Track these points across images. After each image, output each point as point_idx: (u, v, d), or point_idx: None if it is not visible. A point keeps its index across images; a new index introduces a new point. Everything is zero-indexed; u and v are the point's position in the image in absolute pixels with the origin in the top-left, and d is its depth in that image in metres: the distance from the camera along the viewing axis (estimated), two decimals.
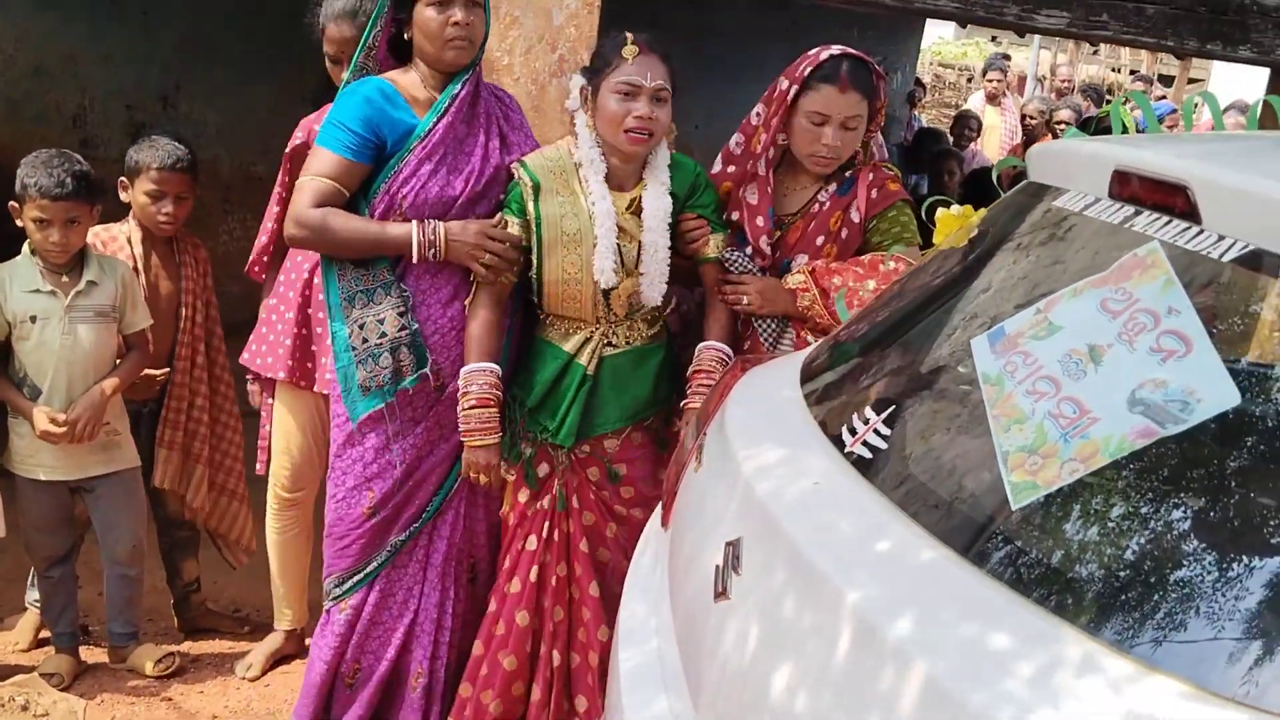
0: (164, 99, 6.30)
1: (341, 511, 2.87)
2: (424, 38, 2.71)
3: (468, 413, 2.75)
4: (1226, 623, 1.22)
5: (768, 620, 1.57)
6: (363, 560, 2.89)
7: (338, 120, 2.71)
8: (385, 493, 2.83)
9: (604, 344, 2.84)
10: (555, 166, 2.80)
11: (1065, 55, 17.75)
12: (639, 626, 2.09)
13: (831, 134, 2.83)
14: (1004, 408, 1.54)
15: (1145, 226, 1.62)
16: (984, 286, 1.91)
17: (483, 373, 2.76)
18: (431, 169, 2.73)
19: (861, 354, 2.05)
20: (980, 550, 1.44)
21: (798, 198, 2.99)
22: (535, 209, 2.78)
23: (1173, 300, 1.47)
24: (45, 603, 3.37)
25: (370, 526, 2.86)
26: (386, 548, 2.89)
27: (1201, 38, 3.86)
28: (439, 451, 2.87)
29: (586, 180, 2.79)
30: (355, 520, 2.86)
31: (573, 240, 2.77)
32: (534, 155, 2.84)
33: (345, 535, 2.88)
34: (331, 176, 2.70)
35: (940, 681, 1.26)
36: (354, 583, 2.90)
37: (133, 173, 3.31)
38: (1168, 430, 1.36)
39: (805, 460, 1.78)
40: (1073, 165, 1.91)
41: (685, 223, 2.89)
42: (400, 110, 2.73)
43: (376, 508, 2.84)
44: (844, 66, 2.84)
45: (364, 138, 2.70)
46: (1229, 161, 1.73)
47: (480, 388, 2.75)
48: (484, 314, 2.78)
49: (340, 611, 2.92)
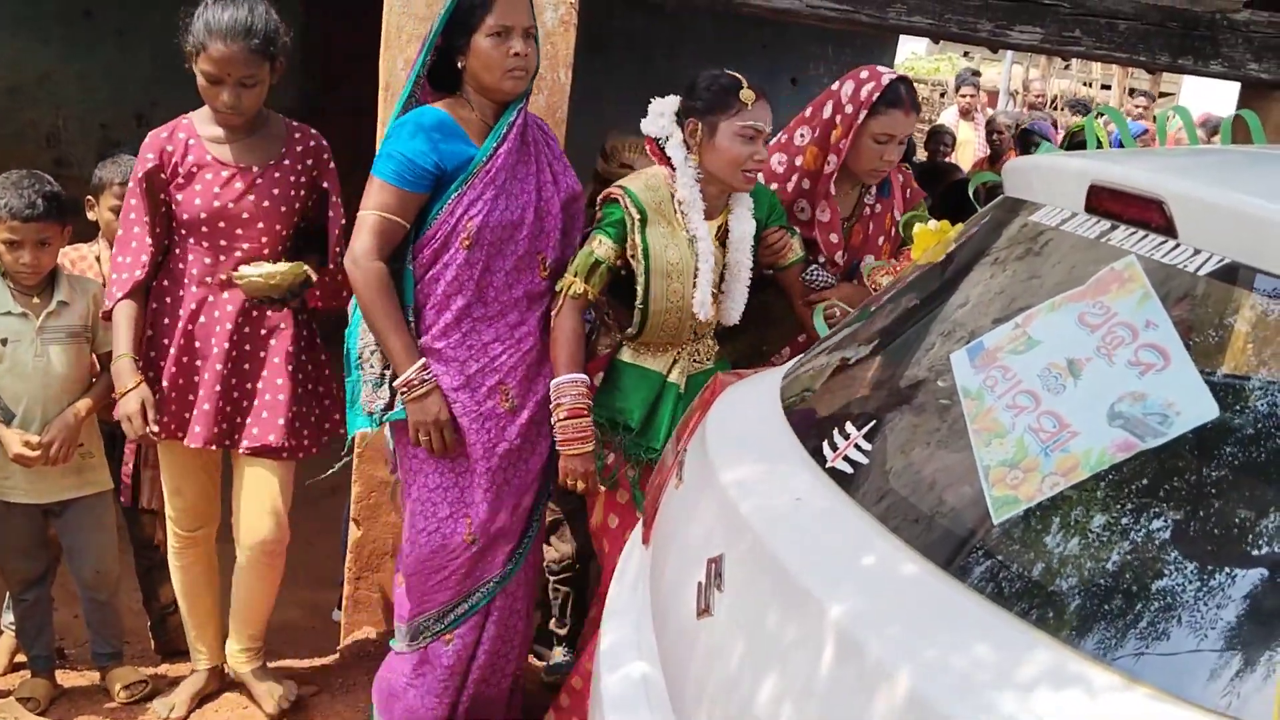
0: (139, 117, 6.26)
1: (437, 543, 2.85)
2: (482, 67, 2.70)
3: (563, 423, 2.79)
4: (1208, 634, 1.23)
5: (751, 637, 1.56)
6: (465, 590, 2.89)
7: (399, 152, 2.69)
8: (483, 519, 2.84)
9: (691, 362, 2.96)
10: (656, 197, 2.87)
11: (1037, 70, 17.91)
12: (622, 645, 2.08)
13: (894, 151, 3.11)
14: (984, 422, 1.54)
15: (1122, 241, 1.63)
16: (962, 301, 1.92)
17: (574, 383, 2.80)
18: (493, 196, 2.74)
19: (842, 369, 2.06)
20: (962, 564, 1.44)
21: (845, 203, 3.25)
22: (642, 239, 2.84)
23: (1150, 314, 1.49)
24: (20, 626, 3.33)
25: (471, 555, 2.86)
26: (496, 574, 2.89)
27: (1173, 53, 3.90)
28: (524, 472, 2.88)
29: (686, 214, 2.88)
30: (455, 549, 2.85)
31: (675, 270, 2.86)
32: (635, 184, 2.89)
33: (444, 566, 2.86)
34: (395, 212, 2.70)
35: (923, 695, 1.26)
36: (459, 614, 2.90)
37: (98, 190, 3.30)
38: (1147, 443, 1.37)
39: (786, 476, 1.78)
40: (1049, 180, 1.92)
41: (769, 237, 3.06)
42: (458, 139, 2.73)
43: (476, 535, 2.84)
44: (903, 90, 3.09)
45: (425, 169, 2.69)
46: (1204, 176, 1.75)
47: (572, 398, 2.79)
48: (570, 325, 2.83)
49: (446, 644, 2.90)
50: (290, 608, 3.87)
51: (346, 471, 3.37)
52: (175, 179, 2.94)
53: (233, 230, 2.96)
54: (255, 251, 2.99)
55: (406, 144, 2.70)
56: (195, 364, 3.01)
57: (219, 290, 2.99)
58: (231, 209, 2.95)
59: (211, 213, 2.94)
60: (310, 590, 3.98)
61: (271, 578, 3.24)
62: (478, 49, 2.69)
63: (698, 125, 2.82)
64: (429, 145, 2.69)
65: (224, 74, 2.84)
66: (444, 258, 2.75)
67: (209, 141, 2.97)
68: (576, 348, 2.83)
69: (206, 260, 2.99)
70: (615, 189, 2.88)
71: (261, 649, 3.36)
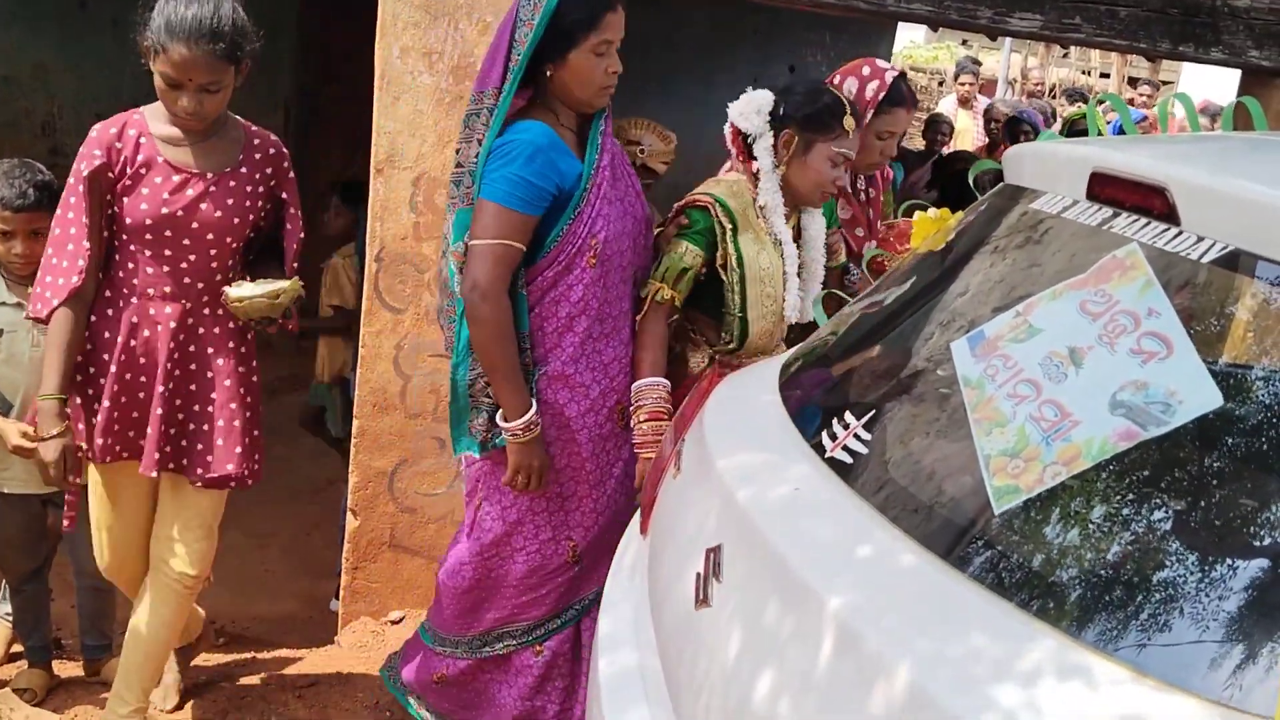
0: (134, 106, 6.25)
1: (536, 563, 2.81)
2: (577, 81, 2.65)
3: (643, 425, 2.75)
4: (1210, 625, 1.22)
5: (749, 627, 1.56)
6: (561, 606, 2.87)
7: (519, 175, 2.59)
8: (590, 542, 2.82)
9: None
10: (740, 203, 2.86)
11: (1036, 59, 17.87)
12: (619, 635, 2.07)
13: (892, 146, 3.24)
14: (985, 411, 1.53)
15: (1124, 228, 1.62)
16: (962, 289, 1.91)
17: (656, 387, 2.77)
18: (610, 207, 2.70)
19: (841, 358, 2.05)
20: (962, 554, 1.43)
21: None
22: (735, 247, 2.82)
23: (1153, 302, 1.47)
24: (18, 617, 3.33)
25: (573, 575, 2.84)
26: (593, 590, 2.84)
27: (1173, 40, 3.88)
28: (628, 489, 2.85)
29: (768, 218, 2.88)
30: (556, 569, 2.82)
31: (767, 275, 2.85)
32: (720, 191, 2.86)
33: (541, 585, 2.83)
34: (518, 238, 2.60)
35: (923, 687, 1.25)
36: (552, 628, 2.87)
37: None
38: (1150, 432, 1.35)
39: (785, 466, 1.77)
40: (1050, 168, 1.91)
41: (828, 238, 3.10)
42: (565, 154, 2.66)
43: (581, 557, 2.82)
44: (904, 88, 3.20)
45: (546, 190, 2.62)
46: (1207, 163, 1.73)
47: (654, 401, 2.76)
48: (659, 330, 2.80)
49: (536, 655, 2.87)
50: (288, 598, 3.88)
51: (341, 464, 3.36)
52: (122, 179, 2.70)
53: (180, 240, 2.72)
54: (202, 263, 2.76)
55: (526, 166, 2.58)
56: (139, 381, 2.78)
57: (161, 303, 2.75)
58: (181, 216, 2.70)
59: (158, 219, 2.69)
60: (308, 581, 3.98)
61: (183, 617, 3.02)
62: (576, 63, 2.62)
63: (794, 138, 2.81)
64: (549, 165, 2.61)
65: (184, 79, 2.60)
66: (568, 278, 2.67)
67: (161, 141, 2.73)
68: (661, 354, 2.81)
69: (149, 270, 2.73)
70: (703, 196, 2.84)
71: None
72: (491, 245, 2.58)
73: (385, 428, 3.37)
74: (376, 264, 3.25)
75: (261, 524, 4.39)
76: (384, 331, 3.31)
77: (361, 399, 3.35)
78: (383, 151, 3.21)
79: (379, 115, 3.20)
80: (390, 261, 3.26)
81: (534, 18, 2.59)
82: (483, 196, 2.61)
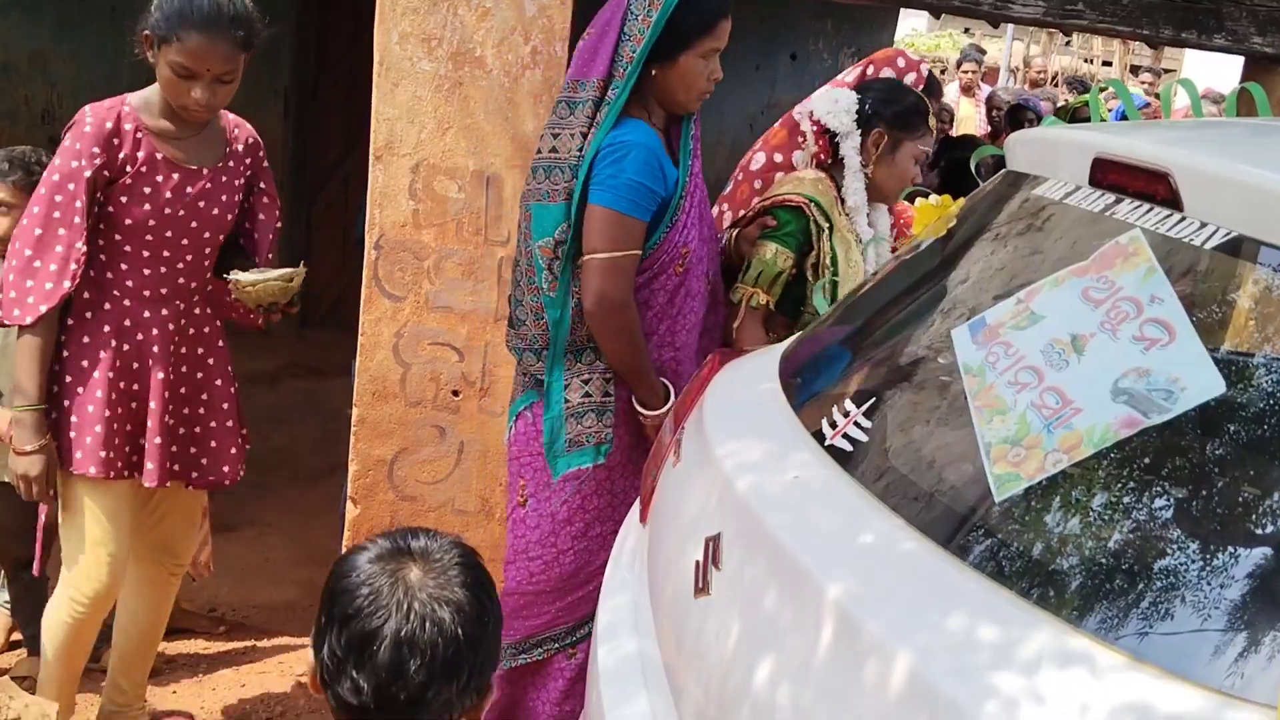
0: None
1: (583, 560, 2.73)
2: (681, 84, 2.62)
3: None
4: (1212, 613, 1.21)
5: (749, 615, 1.55)
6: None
7: (638, 181, 2.53)
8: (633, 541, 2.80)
9: None
10: (826, 202, 2.85)
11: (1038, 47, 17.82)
12: (618, 623, 2.07)
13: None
14: (986, 399, 1.52)
15: (1126, 214, 1.61)
16: (963, 277, 1.90)
17: None
18: (698, 211, 2.68)
19: (841, 345, 2.04)
20: (962, 542, 1.42)
21: None
22: (831, 247, 2.83)
23: (1155, 288, 1.46)
24: (16, 605, 3.32)
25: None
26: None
27: (1176, 26, 3.86)
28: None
29: (853, 218, 2.91)
30: (600, 567, 2.72)
31: (853, 276, 2.85)
32: (811, 190, 2.85)
33: (588, 583, 2.74)
34: (636, 245, 2.56)
35: (923, 675, 1.24)
36: (587, 632, 2.80)
37: None
38: (1152, 420, 1.34)
39: (785, 454, 1.76)
40: (1052, 153, 1.89)
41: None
42: (666, 158, 2.63)
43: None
44: (936, 80, 3.36)
45: (656, 194, 2.58)
46: (1211, 148, 1.72)
47: None
48: (757, 334, 2.80)
49: (569, 659, 2.82)
50: (289, 586, 3.88)
51: (343, 450, 3.36)
52: (122, 178, 2.56)
53: (179, 239, 2.64)
54: (197, 262, 2.70)
55: (642, 171, 2.54)
56: (133, 389, 2.67)
57: (156, 305, 2.66)
58: (182, 216, 2.63)
59: (161, 220, 2.60)
60: (309, 569, 3.97)
61: (171, 601, 3.03)
62: (684, 66, 2.59)
63: (884, 137, 2.82)
64: (657, 167, 2.57)
65: (201, 69, 2.49)
66: (655, 284, 2.65)
67: (157, 137, 2.60)
68: None
69: (146, 272, 2.63)
70: (795, 197, 2.83)
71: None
72: (616, 258, 2.54)
73: (385, 416, 3.36)
74: (375, 251, 3.24)
75: (262, 512, 4.39)
76: (383, 319, 3.30)
77: (361, 387, 3.34)
78: (381, 138, 3.19)
79: (378, 102, 3.18)
80: (389, 249, 3.24)
81: (650, 14, 2.55)
82: (599, 203, 2.54)
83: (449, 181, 3.20)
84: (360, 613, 1.38)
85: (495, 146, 3.18)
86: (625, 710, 1.83)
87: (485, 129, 3.18)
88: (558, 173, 2.59)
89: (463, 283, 3.23)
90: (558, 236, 2.58)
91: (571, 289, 2.61)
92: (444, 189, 3.20)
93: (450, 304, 3.23)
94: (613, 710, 1.85)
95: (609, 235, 2.53)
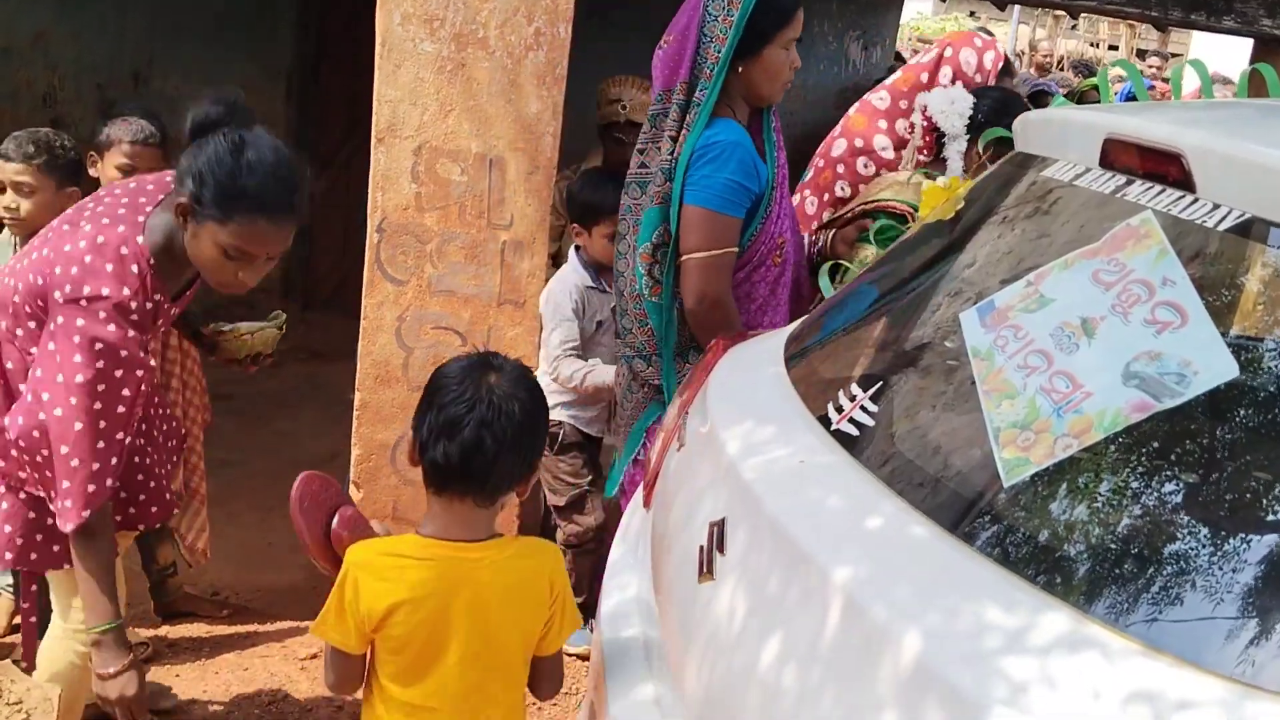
0: (136, 76, 6.19)
1: None
2: (765, 77, 2.65)
3: None
4: (1224, 599, 1.20)
5: (753, 600, 1.54)
6: None
7: (729, 179, 2.57)
8: None
9: None
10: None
11: (1044, 30, 17.74)
12: (622, 608, 2.06)
13: None
14: (994, 383, 1.51)
15: (1138, 196, 1.59)
16: (971, 260, 1.88)
17: None
18: (786, 202, 2.71)
19: (847, 329, 2.02)
20: (970, 528, 1.41)
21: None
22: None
23: (1167, 271, 1.44)
24: (17, 590, 3.31)
25: None
26: None
27: (1185, 8, 3.83)
28: None
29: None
30: None
31: None
32: (912, 198, 2.87)
33: None
34: (732, 243, 2.61)
35: (929, 661, 1.23)
36: None
37: (103, 147, 3.27)
38: (1163, 404, 1.33)
39: (790, 438, 1.75)
40: (1062, 135, 1.87)
41: None
42: (756, 154, 2.66)
43: None
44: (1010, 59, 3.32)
45: (750, 191, 2.62)
46: (1224, 129, 1.70)
47: None
48: None
49: None
50: (292, 570, 3.87)
51: (346, 435, 3.35)
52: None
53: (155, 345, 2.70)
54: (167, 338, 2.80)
55: (737, 169, 2.57)
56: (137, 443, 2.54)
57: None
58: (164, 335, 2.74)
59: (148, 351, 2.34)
60: None
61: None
62: (769, 59, 2.62)
63: (990, 150, 2.84)
64: (752, 165, 2.60)
65: (260, 253, 2.18)
66: (755, 276, 2.68)
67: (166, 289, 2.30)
68: None
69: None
70: (899, 204, 2.85)
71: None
72: (714, 256, 2.58)
73: (387, 400, 3.35)
74: (378, 235, 3.22)
75: (265, 496, 4.37)
76: (385, 303, 3.28)
77: (363, 372, 3.33)
78: (384, 120, 3.17)
79: (380, 84, 3.15)
80: (392, 232, 3.22)
81: (730, 13, 2.58)
82: (695, 203, 2.58)
83: (451, 164, 3.18)
84: (453, 401, 1.87)
85: (498, 129, 3.16)
86: (628, 696, 1.82)
87: (488, 111, 3.15)
88: (655, 181, 2.64)
89: (465, 266, 3.21)
90: (655, 240, 2.63)
91: (673, 291, 2.66)
92: (447, 172, 3.18)
93: (453, 288, 3.22)
94: (616, 694, 1.84)
95: (706, 234, 2.57)
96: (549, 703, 3.23)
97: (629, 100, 3.62)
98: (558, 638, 2.01)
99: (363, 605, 1.89)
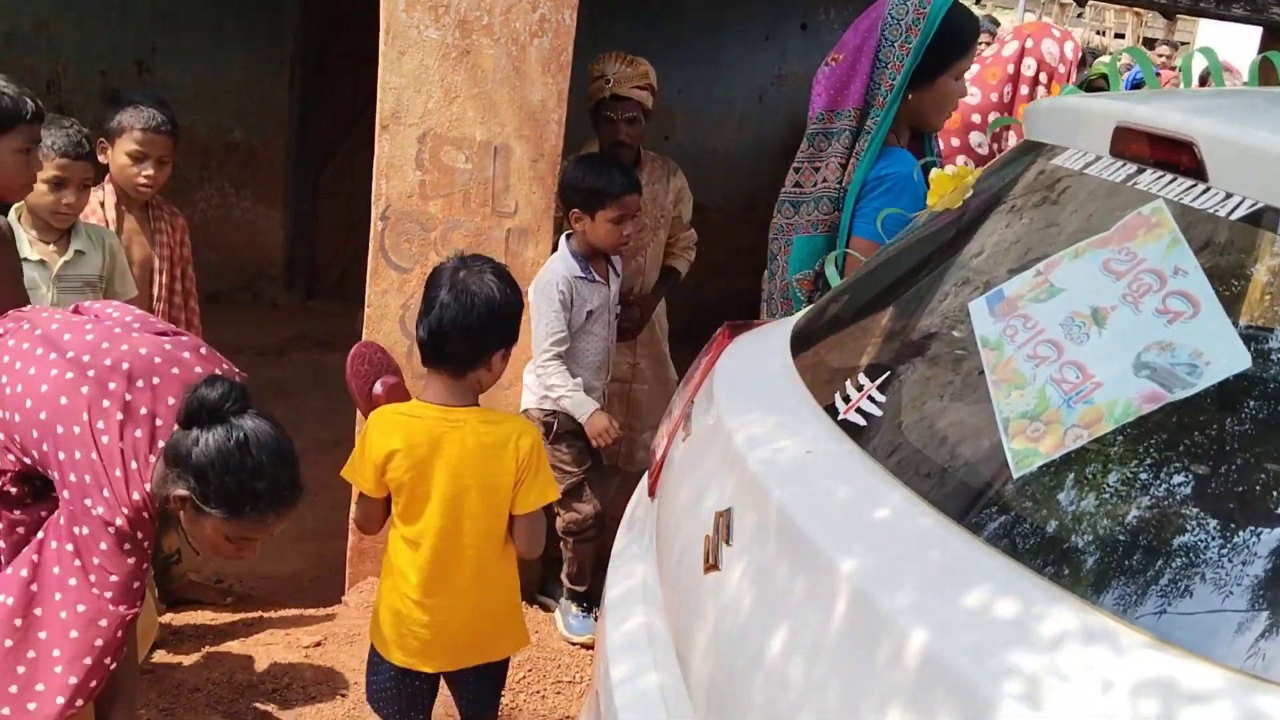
0: (139, 64, 6.19)
1: None
2: (935, 107, 2.65)
3: None
4: (1234, 592, 1.19)
5: (760, 592, 1.53)
6: None
7: (907, 216, 2.52)
8: None
9: None
10: None
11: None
12: (627, 598, 2.05)
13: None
14: (1004, 373, 1.49)
15: (1149, 185, 1.57)
16: (980, 249, 1.87)
17: None
18: None
19: (854, 319, 2.01)
20: (978, 518, 1.40)
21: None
22: None
23: (1179, 260, 1.43)
24: None
25: None
26: None
27: None
28: None
29: None
30: None
31: None
32: None
33: None
34: None
35: (939, 652, 1.22)
36: None
37: (114, 133, 3.26)
38: (1175, 394, 1.31)
39: (797, 428, 1.74)
40: (1072, 122, 1.86)
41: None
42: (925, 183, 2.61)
43: None
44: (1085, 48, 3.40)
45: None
46: (1236, 117, 1.68)
47: None
48: None
49: None
50: (296, 558, 3.88)
51: (349, 422, 3.34)
52: None
53: None
54: None
55: (910, 204, 2.54)
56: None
57: None
58: None
59: None
60: (316, 541, 3.97)
61: None
62: (942, 88, 2.61)
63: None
64: (924, 200, 2.55)
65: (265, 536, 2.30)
66: None
67: None
68: None
69: None
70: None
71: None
72: None
73: None
74: (382, 222, 3.22)
75: None
76: (389, 291, 3.28)
77: None
78: (388, 108, 3.16)
79: (384, 71, 3.14)
80: (396, 220, 3.21)
81: (908, 40, 2.55)
82: (866, 236, 2.55)
83: (456, 152, 3.17)
84: (429, 291, 2.37)
85: (503, 116, 3.15)
86: (633, 687, 1.81)
87: (493, 98, 3.15)
88: (815, 206, 2.60)
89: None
90: (819, 269, 2.59)
91: None
92: (451, 159, 3.17)
93: None
94: (621, 684, 1.83)
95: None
96: (554, 690, 3.24)
97: (612, 74, 3.56)
98: (527, 497, 2.42)
99: (369, 451, 2.43)
